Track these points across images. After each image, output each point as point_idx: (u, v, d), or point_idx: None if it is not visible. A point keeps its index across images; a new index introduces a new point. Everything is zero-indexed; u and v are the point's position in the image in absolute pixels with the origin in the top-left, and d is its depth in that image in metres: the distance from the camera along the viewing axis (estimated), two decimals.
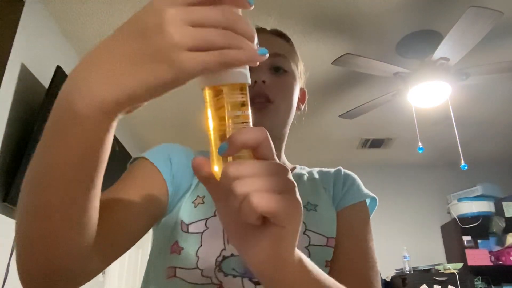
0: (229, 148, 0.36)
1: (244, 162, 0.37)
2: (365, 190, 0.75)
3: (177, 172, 0.66)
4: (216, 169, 0.39)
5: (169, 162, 0.66)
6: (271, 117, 0.71)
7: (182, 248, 0.62)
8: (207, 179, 0.40)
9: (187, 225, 0.63)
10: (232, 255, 0.61)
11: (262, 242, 0.38)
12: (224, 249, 0.62)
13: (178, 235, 0.63)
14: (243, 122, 0.39)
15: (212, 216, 0.64)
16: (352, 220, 0.71)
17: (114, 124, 0.39)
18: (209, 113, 0.39)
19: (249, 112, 0.39)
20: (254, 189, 0.35)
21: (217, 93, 0.39)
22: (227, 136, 0.38)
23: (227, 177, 0.36)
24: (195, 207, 0.65)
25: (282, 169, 0.37)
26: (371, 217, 0.75)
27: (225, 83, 0.38)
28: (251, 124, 0.39)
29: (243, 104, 0.39)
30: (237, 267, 0.60)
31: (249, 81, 0.39)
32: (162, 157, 0.66)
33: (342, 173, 0.78)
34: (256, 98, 0.69)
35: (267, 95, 0.70)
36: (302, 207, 0.38)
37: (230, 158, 0.38)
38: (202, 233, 0.62)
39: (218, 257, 0.61)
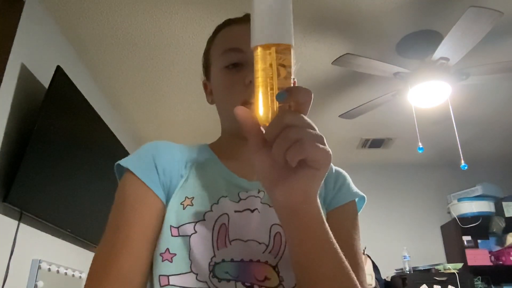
0: (288, 98, 0.45)
1: (296, 113, 0.45)
2: (355, 189, 0.75)
3: (163, 176, 0.65)
4: (261, 113, 0.47)
5: (155, 169, 0.65)
6: None
7: (174, 254, 0.61)
8: (251, 124, 0.47)
9: (177, 228, 0.62)
10: (223, 260, 0.60)
11: (295, 180, 0.47)
12: (214, 256, 0.60)
13: (168, 242, 0.61)
14: (287, 78, 0.47)
15: (201, 220, 0.62)
16: (342, 221, 0.71)
17: None
18: (259, 67, 0.47)
19: (292, 70, 0.47)
20: (305, 137, 0.44)
21: (267, 51, 0.47)
22: (275, 88, 0.46)
23: (282, 122, 0.44)
24: (183, 208, 0.63)
25: (314, 126, 0.46)
26: (369, 216, 0.75)
27: (274, 43, 0.46)
28: (291, 81, 0.47)
29: (287, 63, 0.47)
30: (230, 270, 0.60)
31: (293, 43, 0.47)
32: (148, 168, 0.64)
33: (333, 170, 0.77)
34: (251, 98, 0.66)
35: None
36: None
37: (275, 108, 0.47)
38: (190, 236, 0.61)
39: (210, 262, 0.60)
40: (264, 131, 0.47)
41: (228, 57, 0.71)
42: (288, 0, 0.48)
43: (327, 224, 0.51)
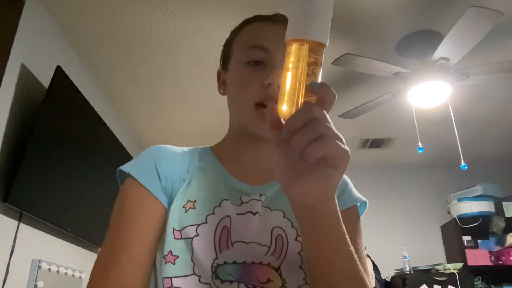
0: (320, 89, 0.46)
1: (320, 109, 0.45)
2: (357, 194, 0.74)
3: (165, 180, 0.65)
4: (284, 108, 0.47)
5: (157, 174, 0.65)
6: None
7: (177, 257, 0.61)
8: (275, 117, 0.47)
9: (179, 231, 0.62)
10: (225, 262, 0.60)
11: (313, 178, 0.47)
12: (217, 258, 0.61)
13: (171, 244, 0.62)
14: (316, 76, 0.47)
15: (203, 223, 0.62)
16: (346, 223, 0.72)
17: None
18: (291, 60, 0.47)
19: (321, 69, 0.48)
20: (329, 133, 0.44)
21: (301, 46, 0.47)
22: (302, 84, 0.46)
23: (308, 114, 0.44)
24: (185, 211, 0.63)
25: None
26: (369, 216, 0.75)
27: (310, 40, 0.46)
28: (319, 80, 0.48)
29: (318, 62, 0.47)
30: (232, 272, 0.60)
31: (327, 43, 0.47)
32: (149, 172, 0.65)
33: None
34: (266, 101, 0.66)
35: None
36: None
37: (300, 104, 0.46)
38: (192, 238, 0.61)
39: (212, 264, 0.60)
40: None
41: (252, 53, 0.69)
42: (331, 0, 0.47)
43: (343, 224, 0.51)
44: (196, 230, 0.62)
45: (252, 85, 0.67)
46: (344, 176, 0.76)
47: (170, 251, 0.61)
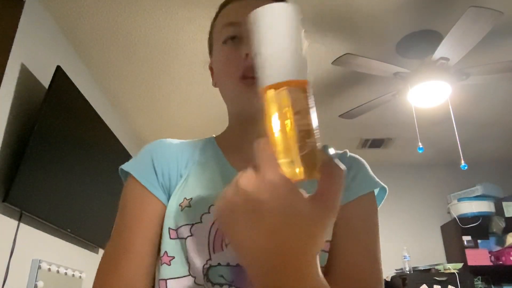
0: (323, 167, 0.39)
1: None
2: (375, 178, 0.67)
3: (162, 177, 0.64)
4: (286, 169, 0.39)
5: (154, 171, 0.64)
6: None
7: (173, 257, 0.60)
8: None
9: (175, 230, 0.61)
10: (219, 264, 0.59)
11: None
12: (210, 259, 0.59)
13: (167, 245, 0.61)
14: (304, 118, 0.39)
15: (197, 223, 0.61)
16: (358, 216, 0.63)
17: None
18: (271, 112, 0.39)
19: (312, 110, 0.40)
20: None
21: (279, 92, 0.39)
22: (293, 135, 0.38)
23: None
24: (181, 210, 0.62)
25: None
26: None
27: (288, 80, 0.38)
28: (313, 122, 0.39)
29: (304, 103, 0.39)
30: (225, 274, 0.58)
31: (308, 78, 0.39)
32: (147, 170, 0.64)
33: (348, 156, 0.69)
34: (248, 72, 0.62)
35: None
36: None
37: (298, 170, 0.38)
38: (186, 238, 0.60)
39: (205, 264, 0.59)
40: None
41: (224, 32, 0.68)
42: (297, 29, 0.41)
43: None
44: (190, 230, 0.60)
45: (232, 61, 0.65)
46: (358, 158, 0.70)
47: (166, 252, 0.60)
